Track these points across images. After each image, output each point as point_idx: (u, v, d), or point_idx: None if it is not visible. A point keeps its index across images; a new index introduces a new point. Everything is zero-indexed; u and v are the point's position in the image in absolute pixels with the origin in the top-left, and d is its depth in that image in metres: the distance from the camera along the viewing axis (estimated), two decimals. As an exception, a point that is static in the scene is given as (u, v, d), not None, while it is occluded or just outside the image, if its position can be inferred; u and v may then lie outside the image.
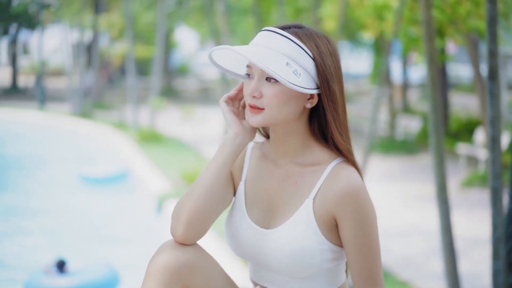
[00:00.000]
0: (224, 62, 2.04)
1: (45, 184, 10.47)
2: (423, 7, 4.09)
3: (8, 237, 7.40)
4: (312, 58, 1.92)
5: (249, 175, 2.08)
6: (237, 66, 2.04)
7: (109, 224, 8.13)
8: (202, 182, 1.96)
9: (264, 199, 2.03)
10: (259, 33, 1.98)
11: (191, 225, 1.93)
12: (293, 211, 1.96)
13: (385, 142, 14.21)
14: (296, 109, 1.93)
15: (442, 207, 4.19)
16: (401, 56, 18.17)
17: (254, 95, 1.92)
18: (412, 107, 20.31)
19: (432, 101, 4.13)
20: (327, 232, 1.94)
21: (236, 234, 2.03)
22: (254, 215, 2.03)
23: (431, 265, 6.20)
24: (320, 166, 1.97)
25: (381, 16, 8.80)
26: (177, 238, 1.94)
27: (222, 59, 2.02)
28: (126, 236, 7.62)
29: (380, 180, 10.44)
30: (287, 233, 1.94)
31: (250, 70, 1.94)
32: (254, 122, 1.94)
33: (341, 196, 1.91)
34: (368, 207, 1.92)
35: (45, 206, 8.93)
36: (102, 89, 24.87)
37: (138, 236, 7.65)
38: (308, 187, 1.96)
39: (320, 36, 1.96)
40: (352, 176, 1.92)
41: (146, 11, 21.95)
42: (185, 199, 1.96)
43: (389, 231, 7.35)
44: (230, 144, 1.97)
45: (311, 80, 1.91)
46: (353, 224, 1.91)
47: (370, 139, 5.73)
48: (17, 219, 8.17)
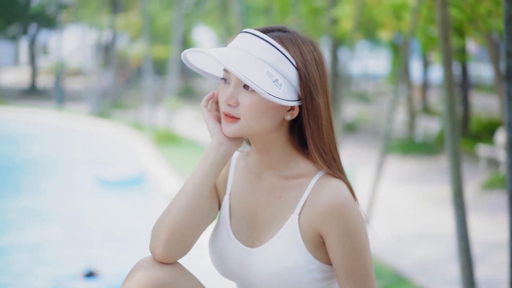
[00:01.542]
0: (202, 63, 1.87)
1: (62, 186, 10.42)
2: (439, 6, 3.95)
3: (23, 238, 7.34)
4: (295, 67, 1.74)
5: (234, 188, 1.93)
6: (215, 67, 1.88)
7: (125, 227, 8.06)
8: (182, 197, 1.78)
9: (248, 215, 1.88)
10: (239, 34, 1.80)
11: (171, 243, 1.76)
12: (277, 228, 1.81)
13: (403, 143, 14.03)
14: (275, 120, 1.76)
15: (458, 212, 4.05)
16: (421, 56, 17.98)
17: (230, 103, 1.75)
18: (432, 107, 20.09)
19: (448, 103, 4.00)
20: (314, 250, 1.78)
21: (220, 252, 1.88)
22: (238, 232, 1.88)
23: (448, 270, 6.05)
24: (305, 179, 1.80)
25: (398, 15, 8.66)
26: (157, 256, 1.77)
27: (200, 59, 1.85)
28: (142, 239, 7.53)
29: (397, 182, 10.28)
30: (271, 252, 1.79)
31: (227, 75, 1.77)
32: (228, 132, 1.77)
33: (325, 211, 1.73)
34: (356, 221, 1.74)
35: (61, 208, 8.87)
36: (120, 89, 24.90)
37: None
38: (293, 201, 1.80)
39: (305, 42, 1.77)
40: (337, 189, 1.75)
41: (165, 11, 21.92)
42: (165, 214, 1.79)
43: (406, 234, 7.21)
44: (213, 155, 1.79)
45: (292, 91, 1.74)
46: (340, 241, 1.73)
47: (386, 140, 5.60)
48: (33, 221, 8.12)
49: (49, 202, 9.19)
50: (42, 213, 8.51)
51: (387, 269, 5.98)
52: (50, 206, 8.96)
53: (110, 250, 7.10)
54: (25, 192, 9.78)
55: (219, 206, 1.94)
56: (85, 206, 9.01)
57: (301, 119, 1.78)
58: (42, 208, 8.74)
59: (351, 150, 12.76)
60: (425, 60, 19.47)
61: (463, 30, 8.60)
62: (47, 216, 8.40)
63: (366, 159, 11.54)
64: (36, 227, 7.81)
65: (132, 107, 21.17)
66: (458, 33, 9.04)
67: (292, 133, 1.82)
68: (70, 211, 8.73)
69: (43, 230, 7.71)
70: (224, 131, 1.78)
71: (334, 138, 1.81)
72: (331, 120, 1.80)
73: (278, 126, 1.78)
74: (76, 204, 9.16)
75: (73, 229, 7.83)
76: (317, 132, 1.76)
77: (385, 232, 7.19)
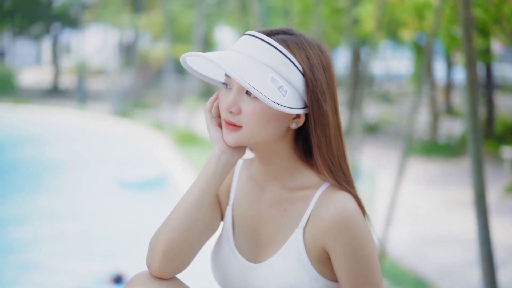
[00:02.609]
0: (202, 67, 1.77)
1: (82, 186, 10.41)
2: (461, 6, 3.85)
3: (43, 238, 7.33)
4: (301, 72, 1.64)
5: (237, 199, 1.83)
6: (216, 71, 1.79)
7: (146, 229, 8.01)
8: (181, 209, 1.68)
9: (251, 228, 1.78)
10: (242, 37, 1.70)
11: (169, 258, 1.66)
12: (281, 243, 1.71)
13: (426, 145, 13.87)
14: (279, 129, 1.66)
15: (481, 216, 3.93)
16: (445, 56, 17.79)
17: (231, 111, 1.65)
18: (456, 109, 19.88)
19: (470, 104, 3.89)
20: (320, 267, 1.68)
21: (223, 267, 1.79)
22: (241, 247, 1.79)
23: (470, 274, 5.92)
24: (310, 191, 1.70)
25: (421, 15, 8.54)
26: (153, 271, 1.68)
27: (200, 63, 1.76)
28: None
29: (420, 185, 10.15)
30: (275, 268, 1.69)
31: (229, 80, 1.67)
32: (230, 141, 1.67)
33: (330, 226, 1.63)
34: (363, 236, 1.63)
35: (81, 209, 8.86)
36: (142, 89, 24.96)
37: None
38: (298, 215, 1.70)
39: (312, 45, 1.68)
40: (342, 202, 1.64)
41: (186, 11, 21.92)
42: (162, 228, 1.70)
43: (428, 238, 7.09)
44: (214, 164, 1.69)
45: (298, 98, 1.63)
46: (346, 257, 1.63)
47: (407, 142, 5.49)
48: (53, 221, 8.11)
49: (69, 202, 9.18)
50: (62, 213, 8.49)
51: (408, 274, 5.87)
52: (70, 207, 8.95)
53: (130, 252, 7.06)
54: (45, 192, 9.78)
55: (222, 217, 1.85)
56: (105, 208, 8.98)
57: (307, 128, 1.68)
58: (62, 209, 8.73)
59: (373, 151, 12.63)
60: (449, 61, 19.26)
61: (487, 30, 8.46)
62: (67, 216, 8.39)
63: (388, 160, 11.41)
64: (56, 227, 7.80)
65: (153, 107, 21.19)
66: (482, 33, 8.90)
67: (297, 142, 1.72)
68: (90, 212, 8.71)
69: (63, 231, 7.69)
70: (225, 139, 1.68)
71: (343, 148, 1.72)
72: (340, 128, 1.71)
73: (282, 135, 1.69)
74: (96, 205, 9.14)
75: (93, 231, 7.80)
76: (324, 141, 1.66)
77: (406, 236, 7.08)
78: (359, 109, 5.08)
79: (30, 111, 20.22)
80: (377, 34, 7.93)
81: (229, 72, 1.56)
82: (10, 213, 8.25)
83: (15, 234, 7.31)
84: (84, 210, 8.82)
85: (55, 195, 9.52)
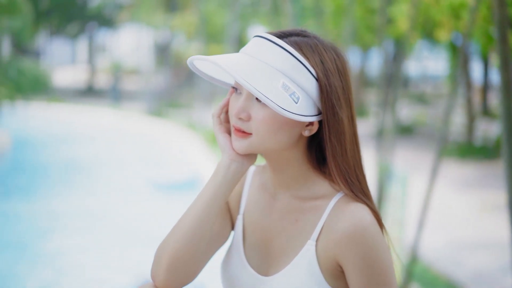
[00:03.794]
0: (211, 69, 1.68)
1: (115, 187, 10.44)
2: (496, 5, 3.75)
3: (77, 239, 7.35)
4: (315, 77, 1.54)
5: (248, 208, 1.75)
6: (226, 74, 1.70)
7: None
8: (187, 220, 1.60)
9: (262, 238, 1.70)
10: (252, 39, 1.60)
11: (174, 271, 1.58)
12: (293, 256, 1.62)
13: (462, 147, 13.66)
14: (291, 137, 1.57)
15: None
16: (481, 57, 17.53)
17: (241, 117, 1.56)
18: (493, 110, 19.58)
19: (505, 105, 3.79)
20: (333, 280, 1.58)
21: (233, 279, 1.71)
22: (252, 258, 1.70)
23: (505, 280, 5.80)
24: (323, 201, 1.61)
25: (457, 14, 8.40)
26: (158, 284, 1.60)
27: (209, 65, 1.67)
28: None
29: (455, 187, 9.99)
30: (286, 282, 1.60)
31: (238, 84, 1.58)
32: (238, 148, 1.58)
33: (343, 238, 1.53)
34: (379, 250, 1.53)
35: (114, 210, 8.88)
36: (176, 88, 25.04)
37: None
38: (310, 226, 1.61)
39: (327, 48, 1.58)
40: (357, 213, 1.54)
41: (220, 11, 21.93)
42: (167, 239, 1.62)
43: (462, 242, 6.96)
44: (223, 173, 1.60)
45: (311, 105, 1.54)
46: (360, 272, 1.52)
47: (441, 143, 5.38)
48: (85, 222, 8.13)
49: (102, 203, 9.20)
50: (94, 214, 8.52)
51: (441, 278, 5.77)
52: (102, 208, 8.96)
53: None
54: (79, 192, 9.81)
55: (233, 226, 1.78)
56: (138, 209, 8.99)
57: (321, 135, 1.60)
58: (95, 210, 8.75)
59: (407, 153, 12.49)
60: (486, 61, 18.97)
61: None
62: (99, 218, 8.41)
63: (422, 163, 11.25)
64: (89, 228, 7.82)
65: (187, 107, 21.24)
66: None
67: (310, 149, 1.64)
68: (123, 213, 8.72)
69: (95, 232, 7.71)
70: (234, 147, 1.60)
71: (359, 157, 1.62)
72: (356, 136, 1.61)
73: (294, 143, 1.60)
74: (129, 206, 9.15)
75: (125, 232, 7.80)
76: (339, 150, 1.57)
77: (440, 240, 6.97)
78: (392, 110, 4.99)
79: (65, 110, 20.40)
80: (412, 34, 7.81)
81: (237, 78, 1.48)
82: (44, 213, 8.30)
83: (48, 234, 7.33)
84: (117, 211, 8.83)
85: (87, 195, 9.56)
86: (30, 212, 8.25)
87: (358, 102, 20.06)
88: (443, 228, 7.48)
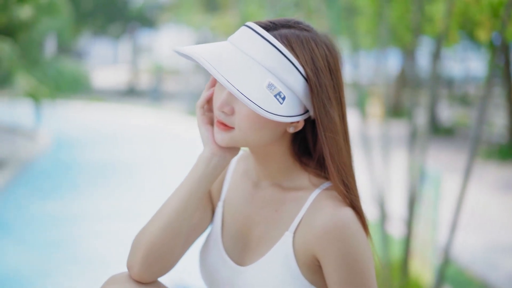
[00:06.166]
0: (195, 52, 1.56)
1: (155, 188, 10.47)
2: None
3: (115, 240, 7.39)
4: (304, 77, 1.47)
5: (229, 195, 1.71)
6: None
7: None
8: (164, 212, 1.55)
9: (241, 228, 1.65)
10: (240, 28, 1.50)
11: (149, 264, 1.54)
12: (270, 246, 1.56)
13: (503, 148, 13.42)
14: (274, 133, 1.51)
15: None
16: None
17: (224, 111, 1.49)
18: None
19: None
20: (311, 275, 1.52)
21: (210, 269, 1.68)
22: (229, 247, 1.66)
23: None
24: (304, 193, 1.55)
25: (496, 13, 8.24)
26: (133, 275, 1.57)
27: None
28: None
29: (494, 190, 9.81)
30: (260, 273, 1.55)
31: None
32: (220, 141, 1.52)
33: (322, 233, 1.46)
34: (358, 247, 1.46)
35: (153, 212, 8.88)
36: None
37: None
38: (289, 217, 1.55)
39: (319, 43, 1.50)
40: (337, 207, 1.48)
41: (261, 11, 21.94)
42: (144, 231, 1.58)
43: (499, 245, 6.83)
44: (204, 167, 1.54)
45: (297, 104, 1.46)
46: (337, 269, 1.45)
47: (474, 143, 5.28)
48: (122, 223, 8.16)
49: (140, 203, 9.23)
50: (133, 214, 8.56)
51: (476, 281, 5.66)
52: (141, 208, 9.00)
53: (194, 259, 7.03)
54: (118, 192, 9.86)
55: (213, 213, 1.74)
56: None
57: (305, 130, 1.55)
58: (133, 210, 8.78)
59: (447, 155, 12.32)
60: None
61: None
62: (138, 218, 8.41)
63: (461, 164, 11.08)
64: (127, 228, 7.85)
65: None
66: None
67: (294, 143, 1.58)
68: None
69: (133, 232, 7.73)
70: (216, 139, 1.54)
71: (350, 155, 1.56)
72: (348, 135, 1.55)
73: (279, 138, 1.54)
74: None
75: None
76: (336, 150, 1.50)
77: (476, 242, 6.84)
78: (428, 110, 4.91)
79: (106, 109, 20.60)
80: (451, 34, 7.69)
81: (216, 75, 1.40)
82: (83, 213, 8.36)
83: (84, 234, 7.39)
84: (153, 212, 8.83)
85: (127, 195, 9.60)
86: (69, 211, 8.33)
87: (397, 103, 19.86)
88: (480, 230, 7.34)
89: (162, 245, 1.54)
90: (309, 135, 1.57)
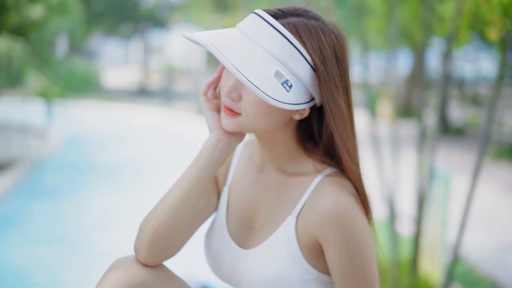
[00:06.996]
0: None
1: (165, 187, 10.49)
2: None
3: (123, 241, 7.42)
4: (311, 65, 1.49)
5: (234, 180, 1.74)
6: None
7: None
8: (170, 198, 1.59)
9: (245, 212, 1.68)
10: (249, 15, 1.52)
11: (155, 248, 1.58)
12: (273, 230, 1.60)
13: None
14: (280, 120, 1.54)
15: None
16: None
17: (231, 97, 1.51)
18: (549, 111, 19.14)
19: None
20: (313, 259, 1.55)
21: (215, 253, 1.71)
22: (233, 231, 1.69)
23: (552, 284, 5.65)
24: (307, 178, 1.59)
25: (507, 12, 8.22)
26: (140, 259, 1.60)
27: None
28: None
29: (504, 189, 9.78)
30: (262, 256, 1.58)
31: None
32: (227, 126, 1.54)
33: (323, 218, 1.49)
34: (358, 233, 1.48)
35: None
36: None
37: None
38: (292, 202, 1.58)
39: (326, 32, 1.51)
40: (339, 193, 1.50)
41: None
42: (150, 216, 1.62)
43: (509, 245, 6.82)
44: (210, 153, 1.57)
45: (303, 92, 1.49)
46: (339, 253, 1.49)
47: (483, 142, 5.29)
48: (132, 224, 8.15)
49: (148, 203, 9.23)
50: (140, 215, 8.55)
51: (485, 280, 5.66)
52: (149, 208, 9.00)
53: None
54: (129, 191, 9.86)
55: (219, 198, 1.77)
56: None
57: (310, 117, 1.58)
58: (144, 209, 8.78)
59: (457, 154, 12.29)
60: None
61: None
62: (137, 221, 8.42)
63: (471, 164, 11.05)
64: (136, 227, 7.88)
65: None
66: None
67: (300, 129, 1.61)
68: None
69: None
70: (222, 124, 1.56)
71: (356, 143, 1.59)
72: (354, 123, 1.58)
73: (284, 124, 1.57)
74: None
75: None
76: (346, 136, 1.53)
77: (487, 241, 6.83)
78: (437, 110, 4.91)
79: (116, 110, 20.64)
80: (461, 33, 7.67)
81: (225, 62, 1.42)
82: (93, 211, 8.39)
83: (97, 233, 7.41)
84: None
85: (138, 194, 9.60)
86: (80, 210, 8.36)
87: (407, 103, 19.82)
88: (490, 230, 7.34)
89: (168, 228, 1.57)
90: (314, 122, 1.59)
